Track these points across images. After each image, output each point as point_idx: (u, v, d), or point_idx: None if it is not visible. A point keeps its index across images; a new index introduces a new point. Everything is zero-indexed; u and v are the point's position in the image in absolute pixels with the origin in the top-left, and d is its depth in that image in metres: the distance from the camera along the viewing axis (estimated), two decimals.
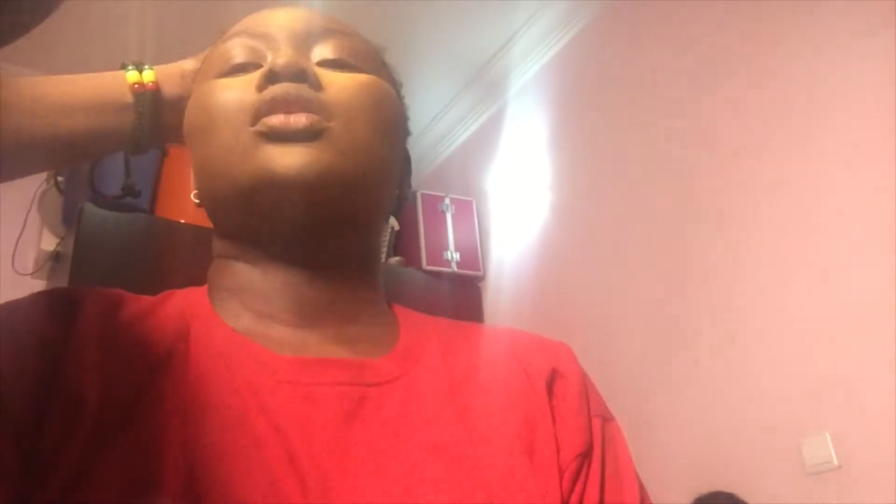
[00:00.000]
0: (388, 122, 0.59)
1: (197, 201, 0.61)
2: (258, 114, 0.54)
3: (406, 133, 0.64)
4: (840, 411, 1.55)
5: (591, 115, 2.33)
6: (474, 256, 2.66)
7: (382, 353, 0.56)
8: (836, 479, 1.53)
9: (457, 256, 2.61)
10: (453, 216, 2.67)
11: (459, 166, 2.94)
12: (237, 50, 0.59)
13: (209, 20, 0.86)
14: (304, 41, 0.59)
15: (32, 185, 2.22)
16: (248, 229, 0.57)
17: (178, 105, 0.62)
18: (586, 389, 0.59)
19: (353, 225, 0.59)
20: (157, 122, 0.61)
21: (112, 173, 0.80)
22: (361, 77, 0.58)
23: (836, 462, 1.53)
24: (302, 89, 0.54)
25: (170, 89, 0.62)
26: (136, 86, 0.60)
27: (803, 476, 1.58)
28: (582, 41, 2.41)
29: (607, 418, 0.59)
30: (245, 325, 0.56)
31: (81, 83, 0.59)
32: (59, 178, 2.19)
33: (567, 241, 2.35)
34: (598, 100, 2.31)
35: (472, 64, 2.59)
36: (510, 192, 2.62)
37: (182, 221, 2.02)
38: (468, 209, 2.73)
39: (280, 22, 0.60)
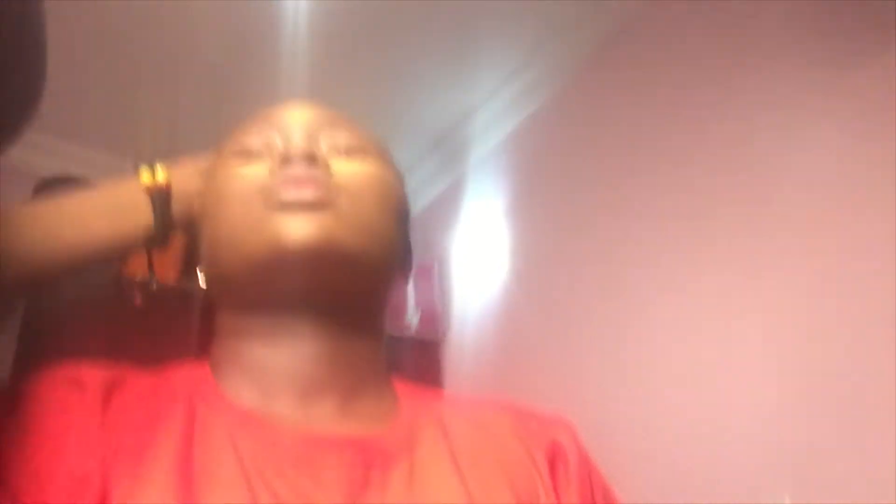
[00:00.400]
0: (391, 207, 0.63)
1: (203, 285, 0.64)
2: (270, 192, 0.58)
3: (408, 220, 0.68)
4: (800, 478, 1.59)
5: (552, 184, 2.40)
6: (434, 320, 2.68)
7: (385, 428, 0.58)
8: None
9: (416, 320, 2.62)
10: (414, 280, 2.70)
11: (420, 231, 2.97)
12: (252, 138, 0.63)
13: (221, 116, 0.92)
14: (314, 131, 0.63)
15: None
16: (256, 303, 0.60)
17: (192, 199, 0.66)
18: (588, 468, 0.62)
19: (356, 297, 0.61)
20: (172, 218, 0.65)
21: None
22: (367, 165, 0.62)
23: None
24: (313, 171, 0.58)
25: (185, 186, 0.66)
26: (151, 187, 0.64)
27: None
28: (543, 114, 2.50)
29: (609, 497, 0.62)
30: (250, 402, 0.57)
31: (100, 193, 0.64)
32: None
33: (527, 306, 2.39)
34: (559, 170, 2.39)
35: (434, 131, 2.66)
36: (471, 257, 2.67)
37: None
38: (429, 274, 2.76)
39: (292, 115, 0.64)
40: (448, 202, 2.85)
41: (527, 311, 2.39)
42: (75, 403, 0.52)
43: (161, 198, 0.65)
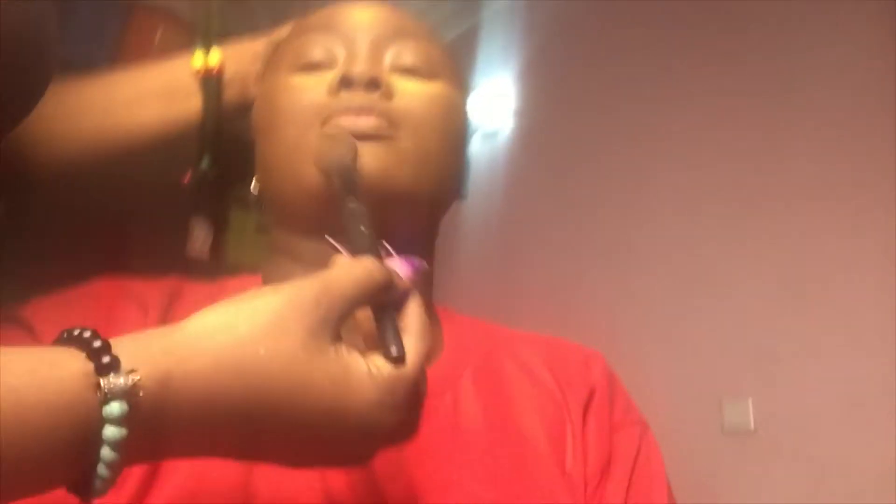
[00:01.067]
0: (453, 134, 0.60)
1: (255, 193, 0.61)
2: (328, 117, 0.55)
3: (469, 141, 0.65)
4: (762, 380, 1.68)
5: (567, 50, 2.31)
6: None
7: (432, 360, 0.58)
8: (750, 442, 1.67)
9: None
10: None
11: None
12: (312, 47, 0.59)
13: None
14: (379, 44, 0.59)
15: None
16: (308, 228, 0.58)
17: (247, 84, 0.63)
18: (616, 400, 0.62)
19: (409, 227, 0.60)
20: (228, 104, 0.62)
21: None
22: (432, 87, 0.59)
23: (752, 426, 1.68)
24: (373, 99, 0.55)
25: (240, 68, 0.62)
26: (202, 71, 0.61)
27: (720, 434, 1.72)
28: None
29: (641, 425, 0.62)
30: None
31: (149, 73, 0.59)
32: None
33: (528, 183, 2.37)
34: (575, 38, 2.29)
35: None
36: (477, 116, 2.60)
37: None
38: None
39: (357, 21, 0.60)
40: (459, 51, 2.73)
41: (528, 189, 2.37)
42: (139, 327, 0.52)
43: (213, 83, 0.61)
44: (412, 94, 0.57)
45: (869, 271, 1.56)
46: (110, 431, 0.31)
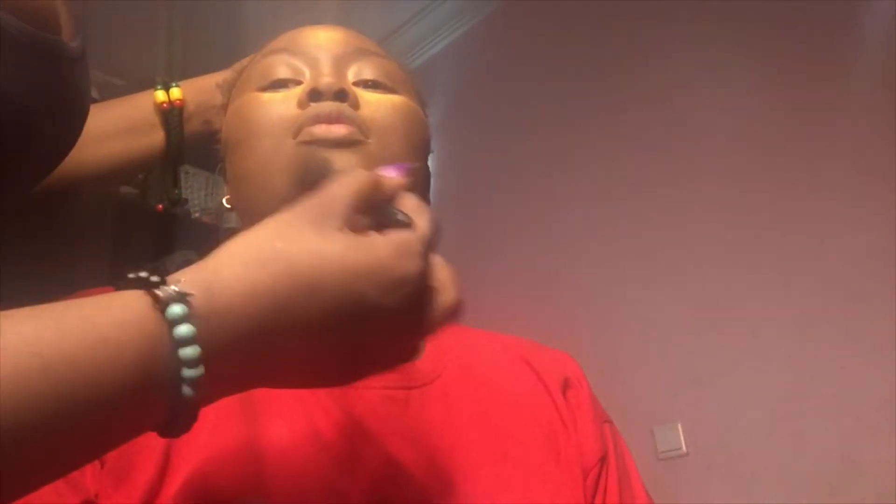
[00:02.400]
0: (417, 142, 0.63)
1: (229, 206, 0.63)
2: (300, 128, 0.57)
3: (429, 150, 0.68)
4: (692, 404, 1.73)
5: (478, 106, 2.39)
6: None
7: (417, 355, 0.61)
8: (684, 465, 1.71)
9: None
10: None
11: None
12: (278, 66, 0.61)
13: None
14: (342, 61, 0.62)
15: None
16: None
17: (210, 115, 0.66)
18: (594, 397, 0.66)
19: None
20: (189, 135, 0.65)
21: None
22: (395, 98, 0.62)
23: (684, 449, 1.72)
24: (342, 108, 0.58)
25: (202, 100, 0.66)
26: (164, 104, 0.64)
27: (655, 461, 1.75)
28: (477, 33, 2.47)
29: (611, 423, 0.66)
30: None
31: (113, 109, 0.63)
32: None
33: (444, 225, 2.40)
34: (489, 89, 2.38)
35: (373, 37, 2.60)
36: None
37: None
38: None
39: (320, 41, 0.63)
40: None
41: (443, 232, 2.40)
42: None
43: (175, 116, 0.64)
44: (377, 103, 0.60)
45: (776, 295, 1.65)
46: (180, 330, 0.33)
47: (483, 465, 0.55)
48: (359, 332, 0.39)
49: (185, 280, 0.35)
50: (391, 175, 0.44)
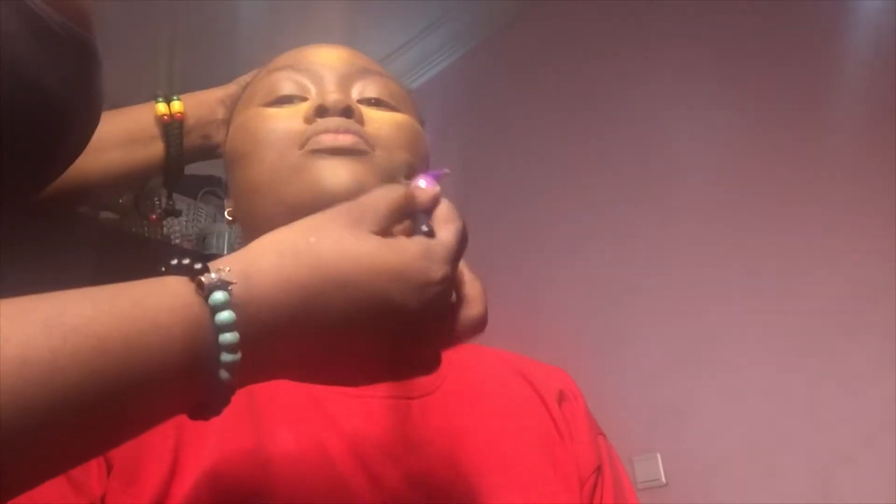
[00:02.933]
0: (419, 157, 0.64)
1: (230, 218, 0.64)
2: (307, 139, 0.58)
3: (428, 167, 0.69)
4: (671, 434, 1.74)
5: (472, 128, 2.41)
6: None
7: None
8: (663, 495, 1.71)
9: None
10: None
11: None
12: (284, 83, 0.62)
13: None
14: (346, 79, 0.63)
15: None
16: None
17: (210, 129, 0.66)
18: (588, 411, 0.68)
19: None
20: (188, 149, 0.66)
21: None
22: (398, 116, 0.63)
23: (663, 480, 1.72)
24: (349, 122, 0.59)
25: (204, 115, 0.66)
26: (165, 117, 0.65)
27: (636, 492, 1.75)
28: (474, 56, 2.50)
29: (605, 436, 0.68)
30: None
31: (114, 120, 0.63)
32: None
33: None
34: (486, 112, 2.40)
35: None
36: None
37: None
38: None
39: (324, 60, 0.64)
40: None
41: None
42: None
43: (175, 129, 0.64)
44: (381, 120, 0.62)
45: (756, 327, 1.67)
46: (221, 316, 0.34)
47: (483, 472, 0.56)
48: (384, 330, 0.40)
49: (226, 268, 0.36)
50: (428, 182, 0.45)
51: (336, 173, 0.56)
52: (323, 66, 0.63)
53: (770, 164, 1.72)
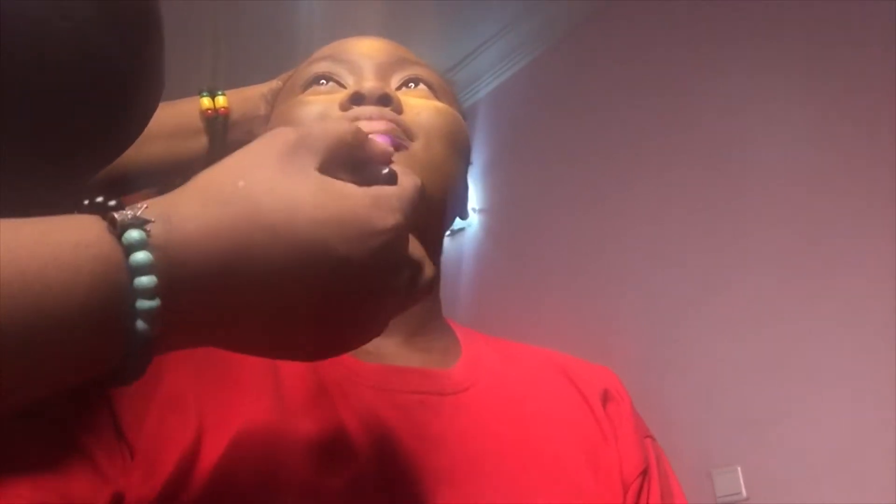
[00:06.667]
0: (460, 148, 0.62)
1: None
2: None
3: (470, 159, 0.67)
4: (752, 447, 1.68)
5: (533, 140, 2.41)
6: None
7: (451, 364, 0.60)
8: None
9: None
10: None
11: None
12: (322, 72, 0.62)
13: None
14: (386, 69, 0.62)
15: None
16: None
17: (254, 125, 0.65)
18: (635, 411, 0.64)
19: (421, 238, 0.61)
20: (231, 143, 0.64)
21: None
22: (438, 104, 0.61)
23: (744, 494, 1.66)
24: (385, 111, 0.57)
25: (247, 110, 0.65)
26: (209, 111, 0.64)
27: None
28: (536, 67, 2.49)
29: (653, 438, 0.64)
30: None
31: (159, 113, 0.59)
32: None
33: (496, 258, 2.42)
34: (547, 123, 2.40)
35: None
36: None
37: None
38: None
39: (363, 50, 0.63)
40: None
41: (495, 262, 2.41)
42: None
43: (219, 123, 0.64)
44: (421, 108, 0.59)
45: (837, 338, 1.60)
46: (137, 257, 0.31)
47: (511, 474, 0.53)
48: (326, 286, 0.36)
49: (143, 206, 0.33)
50: (383, 139, 0.43)
51: None
52: (362, 55, 0.62)
53: (851, 164, 1.65)
